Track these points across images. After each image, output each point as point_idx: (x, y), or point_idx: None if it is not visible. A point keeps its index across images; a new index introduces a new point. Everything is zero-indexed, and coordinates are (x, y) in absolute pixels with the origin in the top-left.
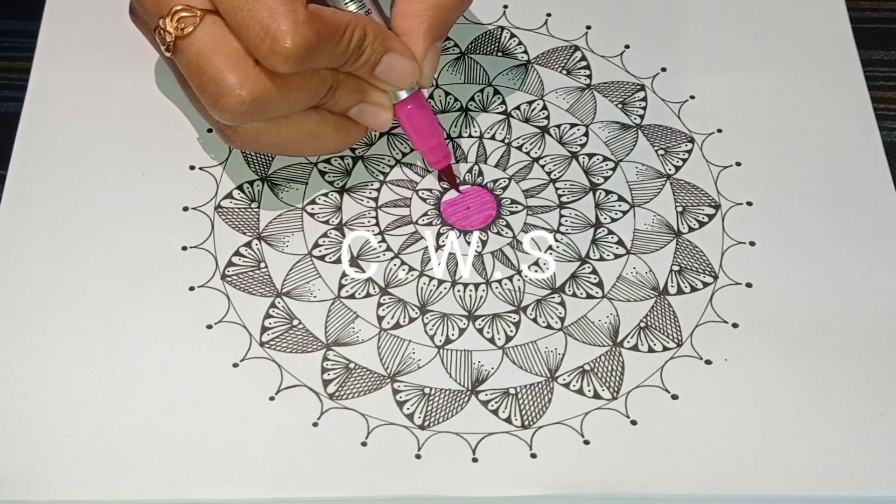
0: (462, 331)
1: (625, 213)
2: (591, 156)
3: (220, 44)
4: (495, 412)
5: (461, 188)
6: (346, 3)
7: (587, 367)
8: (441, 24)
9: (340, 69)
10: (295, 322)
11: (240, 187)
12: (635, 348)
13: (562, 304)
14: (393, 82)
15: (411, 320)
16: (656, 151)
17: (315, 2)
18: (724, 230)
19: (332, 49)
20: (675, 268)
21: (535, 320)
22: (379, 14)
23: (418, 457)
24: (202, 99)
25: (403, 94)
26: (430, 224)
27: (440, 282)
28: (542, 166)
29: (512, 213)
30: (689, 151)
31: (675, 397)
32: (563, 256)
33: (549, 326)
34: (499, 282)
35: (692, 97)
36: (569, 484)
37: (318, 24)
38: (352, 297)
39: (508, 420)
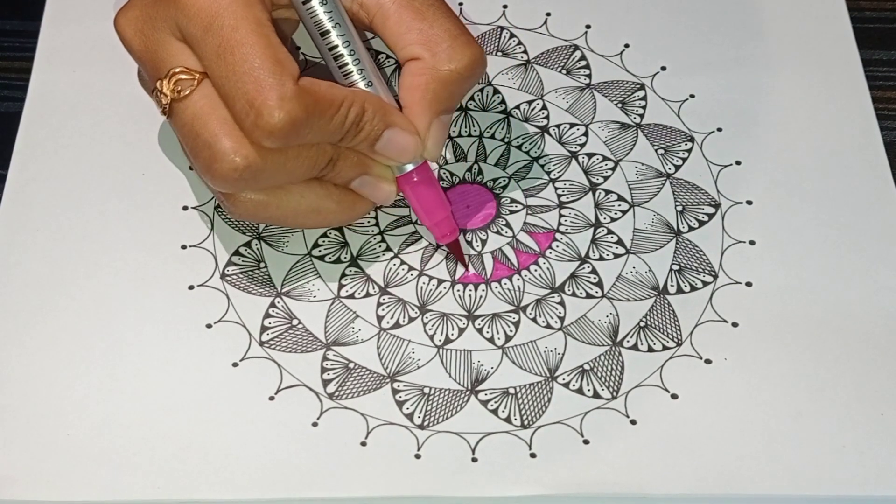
0: (462, 330)
1: (624, 212)
2: (590, 155)
3: (216, 108)
4: (495, 412)
5: (460, 185)
6: (346, 77)
7: (587, 367)
8: (445, 97)
9: (339, 144)
10: (294, 322)
11: None
12: (635, 348)
13: (561, 303)
14: (394, 157)
15: (411, 320)
16: (656, 151)
17: (316, 75)
18: (724, 229)
19: (325, 125)
20: (675, 267)
21: (534, 320)
22: (384, 87)
23: (418, 456)
24: (195, 164)
25: (409, 167)
26: None
27: (440, 281)
28: (542, 166)
29: (511, 212)
30: (689, 150)
31: (674, 397)
32: (563, 256)
33: (548, 326)
34: (498, 282)
35: (692, 96)
36: (568, 484)
37: (307, 99)
38: (351, 296)
39: (508, 420)
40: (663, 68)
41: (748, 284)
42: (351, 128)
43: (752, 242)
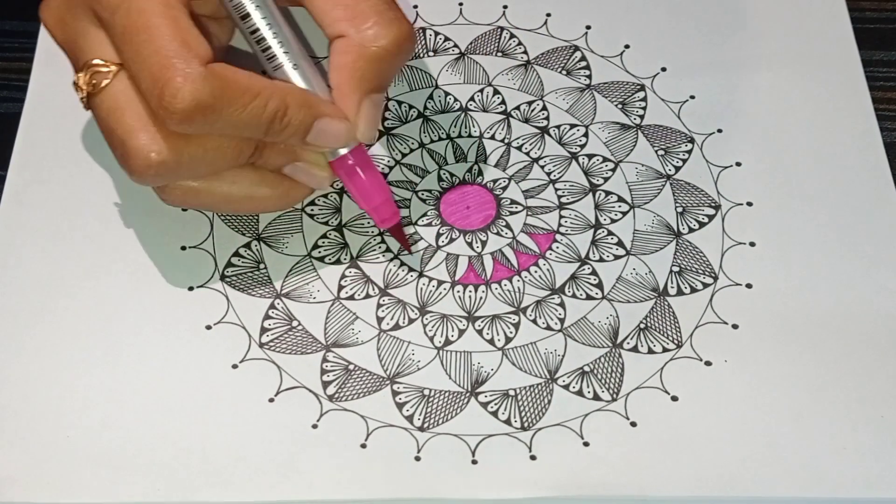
0: (462, 332)
1: (624, 213)
2: (590, 156)
3: (132, 101)
4: (495, 414)
5: (460, 186)
6: (270, 60)
7: (587, 369)
8: (374, 76)
9: (266, 139)
10: (294, 323)
11: None
12: (635, 349)
13: (561, 305)
14: (328, 145)
15: (411, 321)
16: (656, 152)
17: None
18: (724, 231)
19: (237, 113)
20: (675, 269)
21: (534, 321)
22: (313, 69)
23: (418, 458)
24: (115, 157)
25: (343, 151)
26: (429, 224)
27: (440, 282)
28: (542, 167)
29: (511, 213)
30: (689, 152)
31: (674, 399)
32: (563, 257)
33: (548, 328)
34: (498, 283)
35: (692, 97)
36: (568, 486)
37: (216, 83)
38: (351, 298)
39: (508, 422)
40: (663, 69)
41: (748, 286)
42: (273, 122)
43: (752, 244)
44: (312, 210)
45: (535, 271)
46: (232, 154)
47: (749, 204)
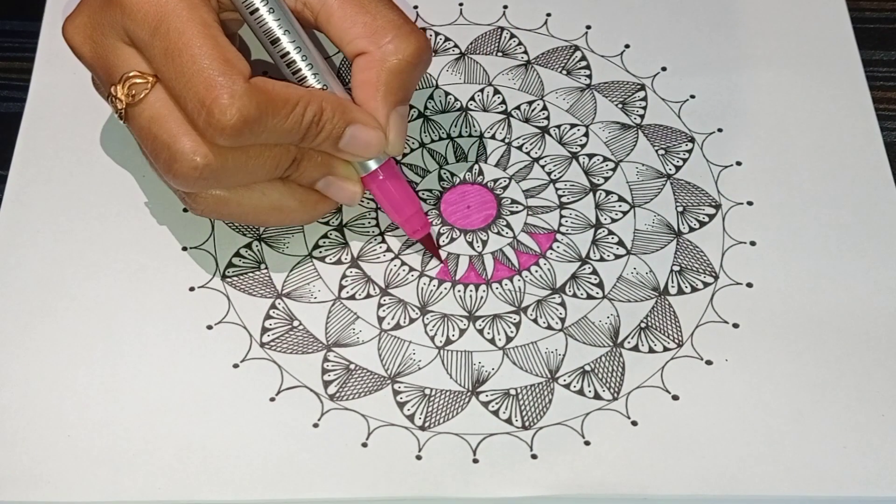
0: (462, 331)
1: (625, 213)
2: (591, 156)
3: (172, 109)
4: (496, 413)
5: (461, 185)
6: (301, 80)
7: (588, 368)
8: (398, 88)
9: (301, 145)
10: (295, 323)
11: None
12: (636, 349)
13: (562, 304)
14: (359, 153)
15: (412, 321)
16: (656, 151)
17: (270, 76)
18: (725, 230)
19: (280, 123)
20: (676, 268)
21: (535, 321)
22: (341, 88)
23: (419, 458)
24: (156, 166)
25: (373, 165)
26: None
27: (440, 282)
28: (543, 167)
29: (512, 212)
30: (690, 151)
31: (675, 398)
32: (564, 257)
33: (549, 327)
34: (499, 282)
35: (692, 97)
36: (569, 485)
37: (260, 98)
38: (352, 297)
39: (509, 421)
40: (663, 69)
41: (749, 285)
42: (311, 127)
43: (752, 243)
44: None
45: (536, 271)
46: (272, 163)
47: (749, 203)
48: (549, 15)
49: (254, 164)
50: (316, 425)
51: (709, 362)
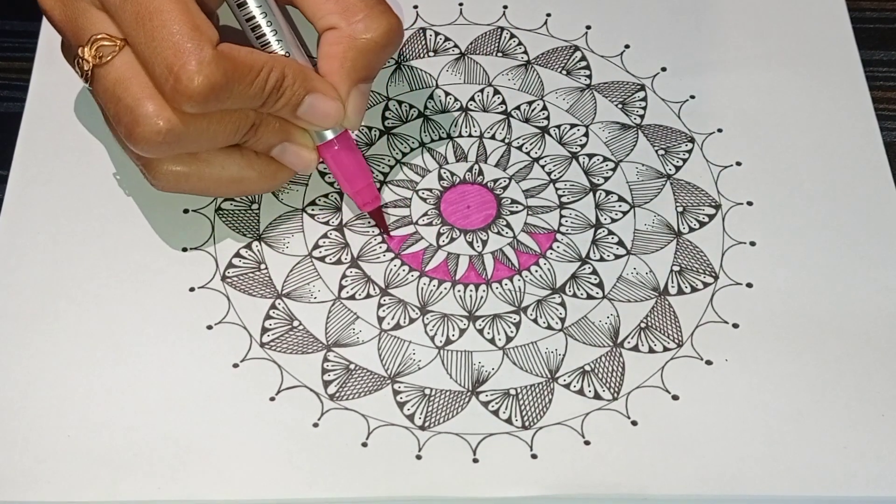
0: (462, 331)
1: (625, 213)
2: (591, 156)
3: (137, 73)
4: (496, 413)
5: (461, 185)
6: (264, 45)
7: (588, 368)
8: (363, 66)
9: (260, 110)
10: (295, 323)
11: None
12: (636, 349)
13: (562, 304)
14: (317, 122)
15: (411, 321)
16: (656, 151)
17: (235, 41)
18: (725, 230)
19: (244, 90)
20: (676, 268)
21: (535, 321)
22: (303, 56)
23: (419, 457)
24: (118, 130)
25: (329, 135)
26: (430, 224)
27: (440, 282)
28: (543, 167)
29: (512, 212)
30: (690, 151)
31: (675, 398)
32: (564, 257)
33: (549, 327)
34: (499, 282)
35: (692, 97)
36: (569, 485)
37: (226, 65)
38: (352, 297)
39: (509, 421)
40: (663, 69)
41: (749, 285)
42: (271, 93)
43: (752, 243)
44: (313, 210)
45: (536, 271)
46: (231, 128)
47: (749, 203)
48: (549, 15)
49: (215, 128)
50: (316, 425)
51: (709, 362)
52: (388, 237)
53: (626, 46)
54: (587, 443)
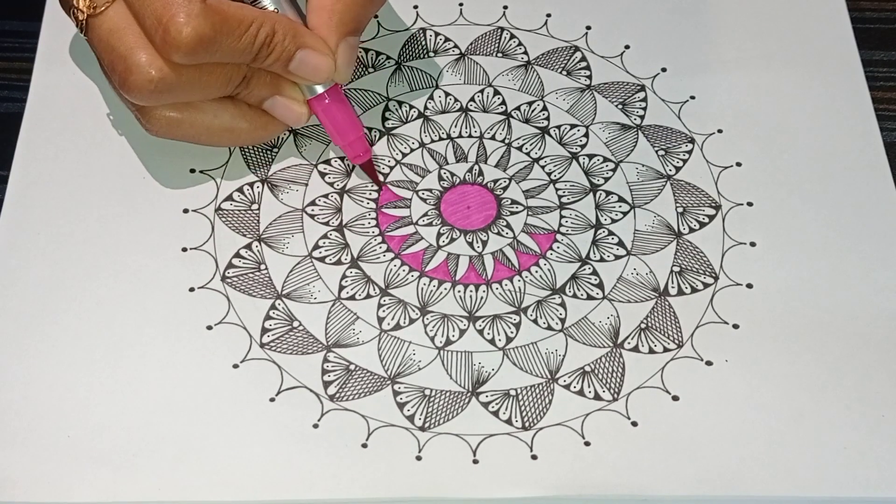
0: (462, 332)
1: (625, 213)
2: (591, 156)
3: (131, 23)
4: (496, 413)
5: (461, 186)
6: (255, 3)
7: (588, 369)
8: (352, 19)
9: (252, 65)
10: (295, 324)
11: (240, 189)
12: (636, 349)
13: (562, 305)
14: (308, 77)
15: (412, 321)
16: (656, 152)
17: None
18: (725, 231)
19: (233, 43)
20: (676, 269)
21: (535, 321)
22: (294, 11)
23: (419, 458)
24: (112, 78)
25: (320, 89)
26: (430, 224)
27: (440, 282)
28: (543, 167)
29: (512, 213)
30: (690, 152)
31: (675, 398)
32: (564, 257)
33: (549, 328)
34: (499, 283)
35: (692, 97)
36: (569, 485)
37: (215, 18)
38: (352, 298)
39: (509, 421)
40: (664, 69)
41: (749, 286)
42: (262, 48)
43: (752, 244)
44: (313, 210)
45: (536, 271)
46: (223, 80)
47: (749, 204)
48: (549, 15)
49: (206, 80)
50: (316, 426)
51: (709, 363)
52: (382, 190)
53: (627, 47)
54: (587, 443)
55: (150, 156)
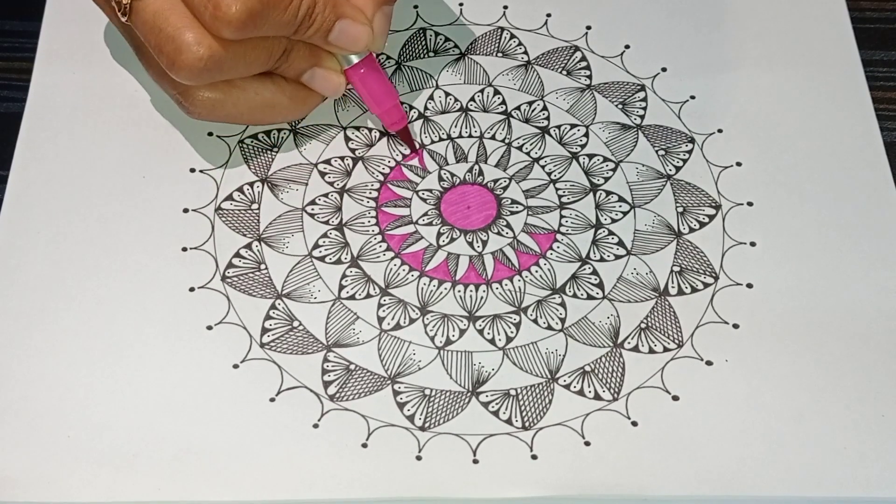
0: (462, 332)
1: (625, 213)
2: (591, 156)
3: (175, 3)
4: (496, 413)
5: (461, 186)
6: None
7: (588, 369)
8: None
9: (293, 37)
10: (295, 323)
11: (240, 189)
12: (636, 349)
13: (562, 304)
14: (347, 47)
15: (412, 321)
16: (657, 152)
17: None
18: (725, 231)
19: (279, 16)
20: (676, 268)
21: (535, 321)
22: None
23: (419, 458)
24: (159, 59)
25: (355, 59)
26: (430, 224)
27: (441, 282)
28: (543, 167)
29: (512, 213)
30: (690, 152)
31: (675, 398)
32: (564, 257)
33: (549, 327)
34: (499, 282)
35: (692, 97)
36: (569, 485)
37: None
38: (352, 297)
39: (509, 421)
40: (664, 69)
41: (749, 286)
42: (304, 19)
43: (752, 244)
44: (313, 210)
45: (536, 271)
46: (266, 54)
47: (749, 204)
48: (549, 15)
49: (251, 55)
50: (316, 426)
51: (709, 363)
52: (414, 155)
53: (627, 47)
54: (587, 443)
55: (150, 156)
